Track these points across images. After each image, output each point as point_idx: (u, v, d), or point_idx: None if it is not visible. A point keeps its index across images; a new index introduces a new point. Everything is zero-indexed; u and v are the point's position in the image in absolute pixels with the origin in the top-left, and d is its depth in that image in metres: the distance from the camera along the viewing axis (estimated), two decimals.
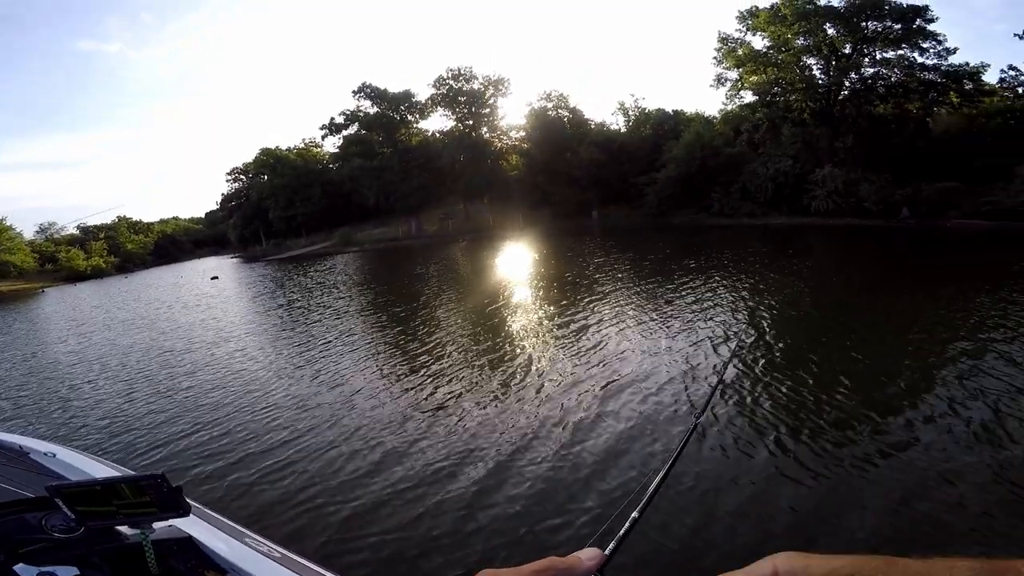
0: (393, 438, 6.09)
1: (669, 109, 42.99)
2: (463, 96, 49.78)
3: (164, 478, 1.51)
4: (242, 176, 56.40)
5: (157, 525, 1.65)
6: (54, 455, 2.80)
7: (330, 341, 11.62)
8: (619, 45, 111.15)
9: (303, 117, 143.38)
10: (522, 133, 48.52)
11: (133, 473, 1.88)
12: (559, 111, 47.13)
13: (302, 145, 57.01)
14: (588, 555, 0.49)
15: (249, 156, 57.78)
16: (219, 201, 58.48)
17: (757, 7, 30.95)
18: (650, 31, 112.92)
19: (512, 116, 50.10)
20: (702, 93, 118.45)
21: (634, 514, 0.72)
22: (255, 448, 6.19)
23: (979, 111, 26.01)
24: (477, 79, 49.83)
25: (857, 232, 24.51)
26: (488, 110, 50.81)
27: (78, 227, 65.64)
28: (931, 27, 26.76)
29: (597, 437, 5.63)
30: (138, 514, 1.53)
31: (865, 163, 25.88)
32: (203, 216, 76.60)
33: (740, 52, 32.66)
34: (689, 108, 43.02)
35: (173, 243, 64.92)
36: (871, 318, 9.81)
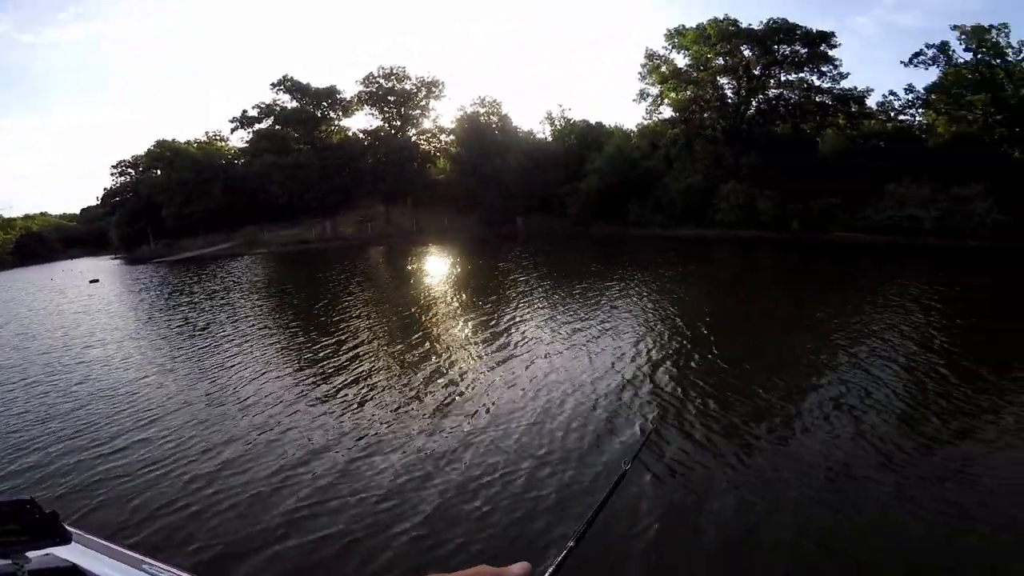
0: (289, 455, 6.00)
1: (593, 120, 45.10)
2: (393, 96, 49.48)
3: (34, 503, 1.37)
4: (131, 170, 51.55)
5: (33, 554, 1.48)
6: None
7: (228, 352, 11.03)
8: (550, 56, 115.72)
9: (207, 111, 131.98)
10: (451, 137, 48.62)
11: None
12: (490, 117, 47.87)
13: (204, 139, 53.35)
14: (518, 568, 0.53)
15: (140, 149, 53.03)
16: (100, 197, 52.88)
17: (685, 26, 33.44)
18: (580, 42, 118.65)
19: (443, 119, 50.05)
20: (623, 106, 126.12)
21: (570, 543, 0.78)
22: (146, 471, 5.92)
23: (859, 133, 29.63)
24: (410, 79, 49.80)
25: (755, 243, 26.84)
26: (419, 111, 50.85)
27: None
28: (830, 52, 30.21)
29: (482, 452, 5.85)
30: (8, 543, 1.36)
31: (764, 179, 28.50)
32: (78, 213, 69.11)
33: (664, 69, 34.99)
34: (609, 121, 45.66)
35: (40, 241, 57.40)
36: (765, 325, 11.13)
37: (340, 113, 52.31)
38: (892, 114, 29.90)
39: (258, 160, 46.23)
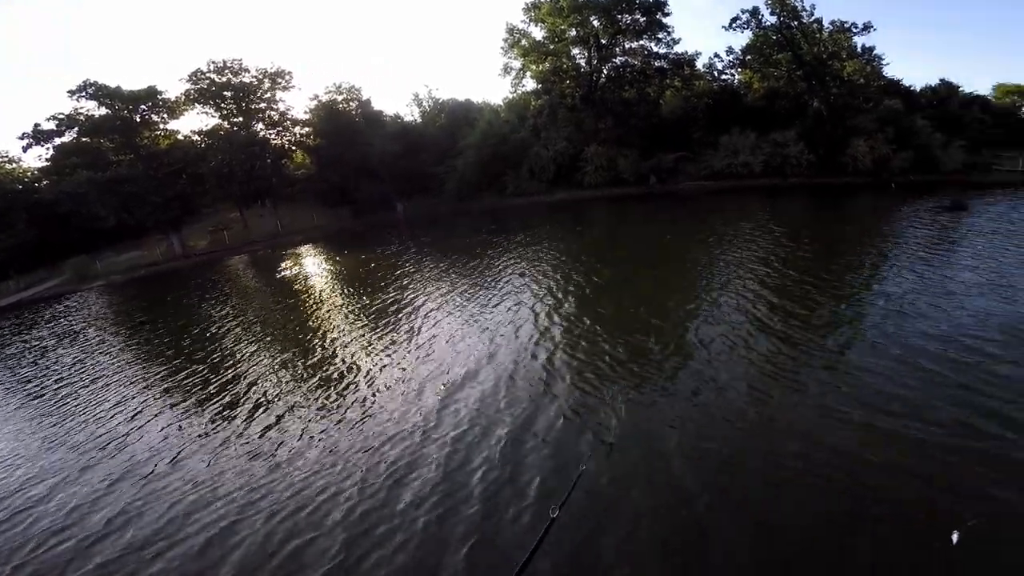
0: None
1: (462, 98, 45.73)
2: (230, 90, 45.45)
3: None
4: None
5: None
6: None
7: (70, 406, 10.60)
8: (412, 36, 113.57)
9: None
10: (307, 129, 46.15)
11: None
12: (349, 103, 46.30)
13: None
14: None
15: None
16: None
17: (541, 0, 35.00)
18: (443, 21, 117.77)
19: (296, 111, 47.18)
20: (491, 82, 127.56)
21: None
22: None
23: (692, 93, 33.88)
24: (249, 71, 45.91)
25: (621, 199, 29.92)
26: (264, 105, 47.35)
27: None
28: (664, 20, 33.84)
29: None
30: None
31: (620, 141, 31.60)
32: None
33: (524, 43, 36.88)
34: (478, 98, 46.80)
35: None
36: (639, 275, 13.12)
37: (166, 115, 46.89)
38: (716, 74, 34.64)
39: (69, 179, 40.07)
